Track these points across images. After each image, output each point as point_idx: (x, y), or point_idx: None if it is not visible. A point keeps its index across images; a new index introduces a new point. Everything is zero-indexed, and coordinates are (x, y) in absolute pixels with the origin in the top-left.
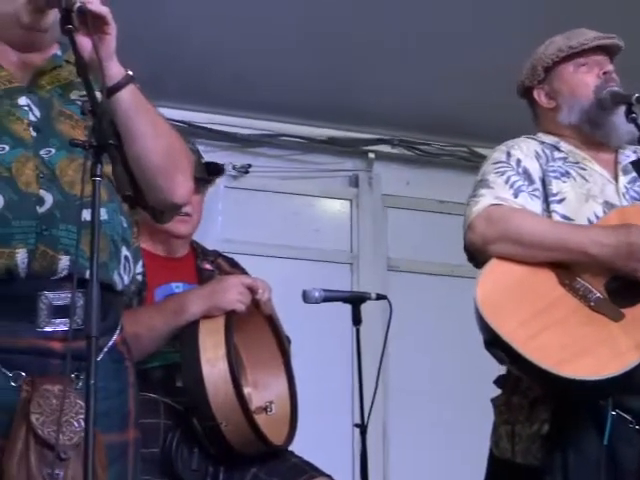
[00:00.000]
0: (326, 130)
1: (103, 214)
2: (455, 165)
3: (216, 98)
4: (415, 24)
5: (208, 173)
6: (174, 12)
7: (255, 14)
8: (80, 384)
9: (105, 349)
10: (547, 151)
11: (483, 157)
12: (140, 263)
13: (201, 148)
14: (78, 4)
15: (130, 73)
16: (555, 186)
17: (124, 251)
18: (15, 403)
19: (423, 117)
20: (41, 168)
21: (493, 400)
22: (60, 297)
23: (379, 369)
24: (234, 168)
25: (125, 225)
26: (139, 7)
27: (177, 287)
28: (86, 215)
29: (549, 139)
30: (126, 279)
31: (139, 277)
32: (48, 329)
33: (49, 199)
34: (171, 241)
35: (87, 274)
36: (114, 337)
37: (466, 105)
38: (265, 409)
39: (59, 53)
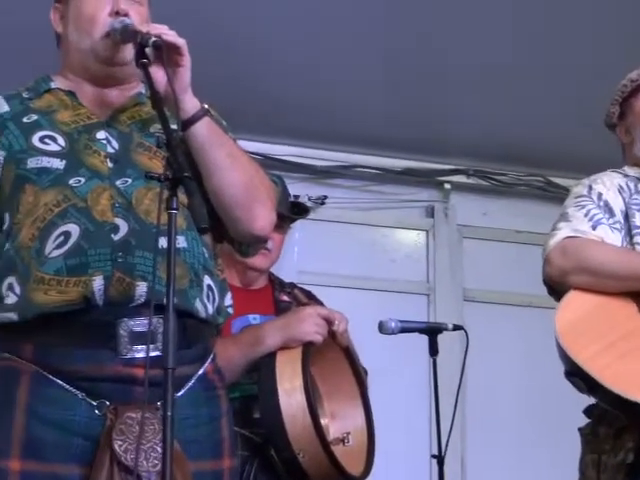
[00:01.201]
0: (402, 161)
1: (182, 242)
2: (531, 195)
3: (293, 130)
4: (491, 56)
5: (293, 212)
6: (252, 44)
7: (334, 46)
8: None
9: (195, 377)
10: (631, 184)
11: (559, 187)
12: (229, 295)
13: None
14: (153, 39)
15: (206, 106)
16: (638, 219)
17: (207, 280)
18: (100, 432)
19: (499, 147)
20: (117, 197)
21: (581, 429)
22: (140, 323)
23: (456, 400)
24: (310, 199)
25: (207, 255)
26: (217, 38)
27: (254, 319)
28: (164, 242)
29: (633, 172)
30: (210, 308)
31: (229, 309)
32: (130, 356)
33: (124, 227)
34: (249, 273)
35: (164, 300)
36: (205, 365)
37: (542, 135)
38: (342, 440)
39: (143, 91)
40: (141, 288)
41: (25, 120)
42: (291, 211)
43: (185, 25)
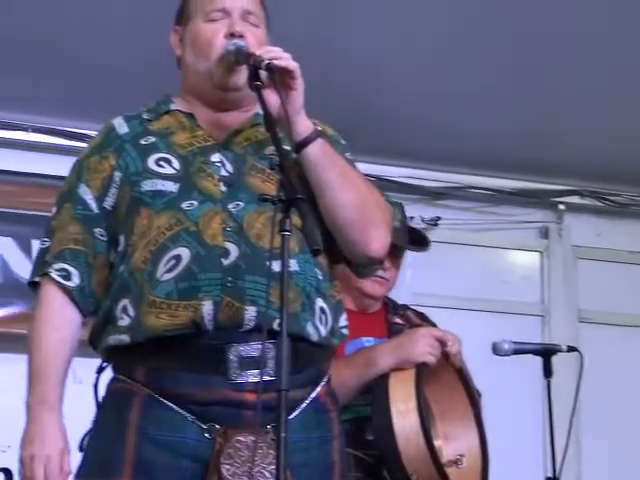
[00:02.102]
0: (515, 182)
1: (294, 265)
2: None
3: (405, 151)
4: (604, 77)
5: (412, 241)
6: (365, 66)
7: (445, 67)
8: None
9: (307, 400)
10: None
11: None
12: (343, 317)
13: None
14: (266, 61)
15: (319, 128)
16: None
17: (319, 302)
18: (209, 454)
19: (613, 167)
20: (228, 221)
21: None
22: (249, 348)
23: (570, 422)
24: (423, 221)
25: (320, 277)
26: (330, 60)
27: (368, 342)
28: (275, 266)
29: None
30: (323, 331)
31: (344, 330)
32: (240, 381)
33: (235, 251)
34: (365, 300)
35: (275, 325)
36: (317, 389)
37: None
38: (456, 462)
39: (261, 112)
40: (250, 313)
41: (142, 142)
42: (410, 241)
43: (300, 46)
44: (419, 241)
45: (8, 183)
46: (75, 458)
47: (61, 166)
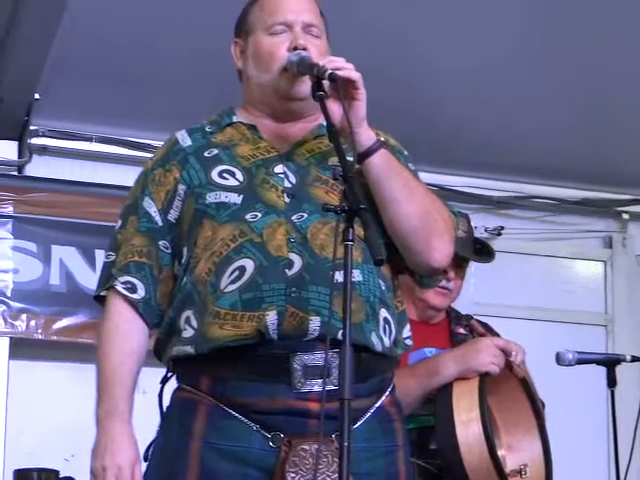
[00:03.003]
0: (579, 191)
1: (357, 275)
2: None
3: (468, 160)
4: None
5: (476, 251)
6: (429, 77)
7: (508, 77)
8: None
9: (371, 410)
10: None
11: None
12: (407, 327)
13: None
14: (329, 71)
15: (381, 138)
16: None
17: (383, 313)
18: (274, 464)
19: None
20: (292, 232)
21: None
22: (314, 358)
23: (634, 432)
24: (486, 230)
25: (383, 287)
26: (394, 72)
27: (430, 352)
28: (338, 277)
29: None
30: (386, 341)
31: (407, 341)
32: (304, 390)
33: (298, 262)
34: (428, 311)
35: (339, 335)
36: (382, 398)
37: None
38: (519, 472)
39: (323, 123)
40: (314, 323)
41: (206, 154)
42: (475, 251)
43: (364, 55)
44: (484, 251)
45: (72, 193)
46: (143, 468)
47: (124, 176)
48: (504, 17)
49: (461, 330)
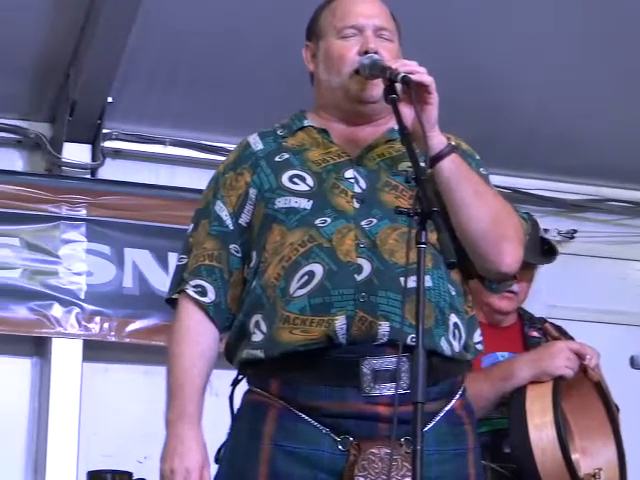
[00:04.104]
0: None
1: (428, 281)
2: None
3: (542, 163)
4: None
5: (543, 253)
6: (502, 79)
7: (583, 79)
8: (410, 448)
9: (441, 414)
10: None
11: None
12: (478, 332)
13: None
14: (402, 74)
15: (452, 142)
16: None
17: (453, 318)
18: (343, 467)
19: None
20: (361, 238)
21: None
22: (383, 362)
23: None
24: (559, 233)
25: (453, 293)
26: (467, 74)
27: (502, 356)
28: (408, 282)
29: None
30: (456, 346)
31: (478, 346)
32: (373, 394)
33: (367, 267)
34: (495, 315)
35: (409, 340)
36: (452, 402)
37: None
38: (594, 476)
39: (395, 127)
40: (383, 328)
41: (277, 159)
42: (542, 254)
43: (436, 56)
44: (549, 251)
45: (145, 196)
46: (213, 470)
47: (197, 179)
48: (578, 16)
49: (534, 333)
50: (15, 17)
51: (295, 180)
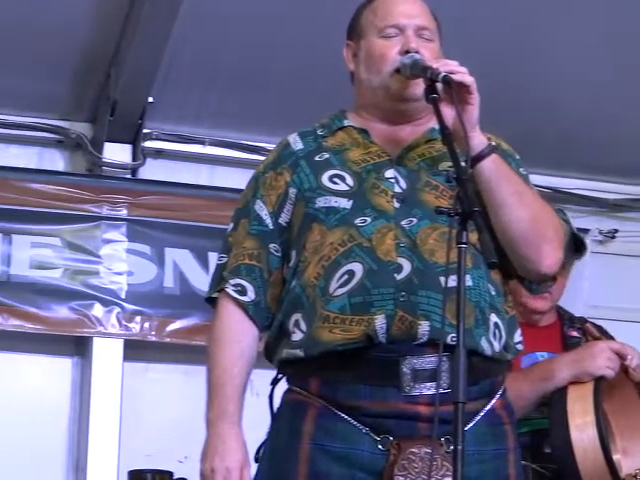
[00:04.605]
0: None
1: (468, 280)
2: None
3: (583, 163)
4: None
5: (575, 251)
6: (543, 78)
7: (623, 79)
8: (450, 448)
9: (481, 413)
10: None
11: None
12: (518, 332)
13: (569, 214)
14: (443, 74)
15: (493, 143)
16: None
17: (493, 318)
18: (382, 467)
19: None
20: (401, 237)
21: None
22: (423, 362)
23: None
24: (600, 233)
25: (493, 292)
26: (510, 73)
27: (542, 356)
28: (448, 281)
29: None
30: (497, 346)
31: (518, 346)
32: (413, 393)
33: (407, 267)
34: (530, 316)
35: (449, 339)
36: (492, 402)
37: None
38: (635, 477)
39: (436, 127)
40: (423, 327)
41: (317, 158)
42: (574, 251)
43: (478, 56)
44: (581, 247)
45: (185, 196)
46: (253, 470)
47: (237, 179)
48: (617, 16)
49: (574, 333)
50: (56, 18)
51: (335, 180)
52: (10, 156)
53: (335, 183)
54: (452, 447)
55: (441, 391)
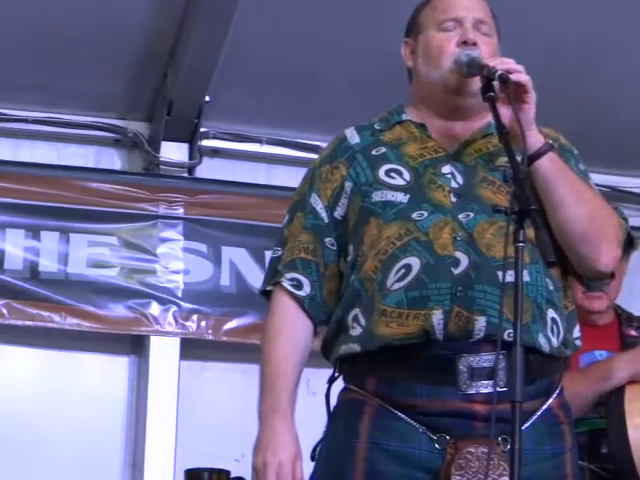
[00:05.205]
0: None
1: (525, 275)
2: None
3: None
4: None
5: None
6: (605, 74)
7: None
8: (507, 447)
9: (538, 412)
10: None
11: None
12: (577, 328)
13: (627, 213)
14: (499, 72)
15: (549, 141)
16: None
17: (551, 313)
18: (439, 466)
19: None
20: (458, 231)
21: None
22: (479, 359)
23: None
24: None
25: (551, 288)
26: (570, 69)
27: (600, 355)
28: (504, 277)
29: None
30: (554, 342)
31: (577, 342)
32: (470, 392)
33: (464, 261)
34: (586, 315)
35: (505, 335)
36: (549, 400)
37: None
38: None
39: (492, 122)
40: (480, 323)
41: (374, 152)
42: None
43: (539, 52)
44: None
45: (242, 195)
46: (308, 467)
47: (294, 178)
48: None
49: (632, 332)
50: (113, 18)
51: (392, 174)
52: (68, 155)
53: (392, 177)
54: (509, 447)
55: (498, 389)
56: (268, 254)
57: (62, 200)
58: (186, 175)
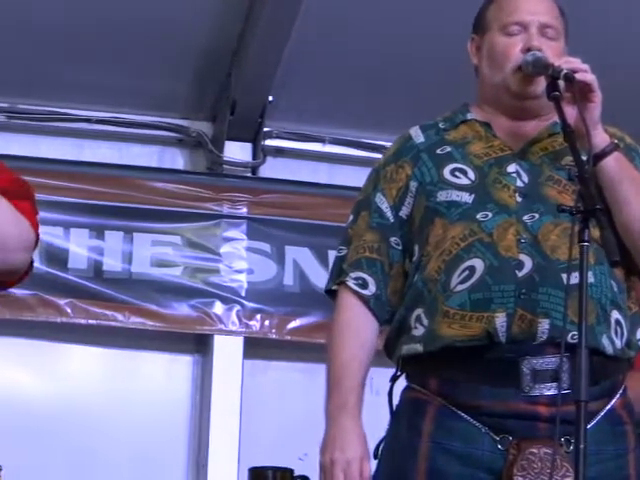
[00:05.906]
0: None
1: (590, 277)
2: None
3: None
4: None
5: None
6: None
7: None
8: (570, 448)
9: (602, 413)
10: None
11: None
12: None
13: None
14: (565, 71)
15: (615, 141)
16: None
17: (615, 314)
18: (502, 466)
19: None
20: (522, 233)
21: None
22: (543, 361)
23: None
24: None
25: (615, 289)
26: (634, 66)
27: None
28: (569, 279)
29: None
30: (618, 343)
31: None
32: (533, 393)
33: (528, 263)
34: None
35: (569, 337)
36: (612, 401)
37: None
38: None
39: (558, 121)
40: (543, 325)
41: (438, 152)
42: None
43: (605, 51)
44: None
45: (305, 194)
46: (372, 464)
47: (358, 177)
48: None
49: None
50: (177, 18)
51: (457, 174)
52: (132, 155)
53: (457, 177)
54: (572, 447)
55: (563, 391)
56: (331, 253)
57: (126, 200)
58: (249, 175)
